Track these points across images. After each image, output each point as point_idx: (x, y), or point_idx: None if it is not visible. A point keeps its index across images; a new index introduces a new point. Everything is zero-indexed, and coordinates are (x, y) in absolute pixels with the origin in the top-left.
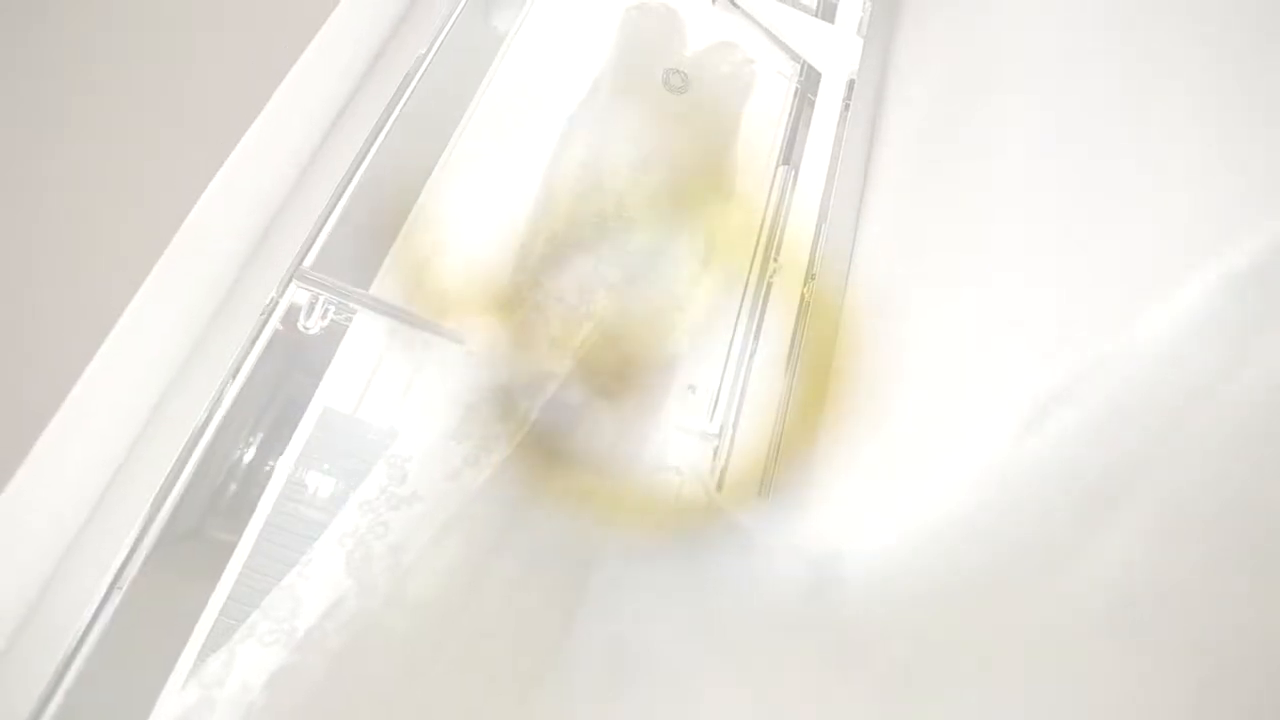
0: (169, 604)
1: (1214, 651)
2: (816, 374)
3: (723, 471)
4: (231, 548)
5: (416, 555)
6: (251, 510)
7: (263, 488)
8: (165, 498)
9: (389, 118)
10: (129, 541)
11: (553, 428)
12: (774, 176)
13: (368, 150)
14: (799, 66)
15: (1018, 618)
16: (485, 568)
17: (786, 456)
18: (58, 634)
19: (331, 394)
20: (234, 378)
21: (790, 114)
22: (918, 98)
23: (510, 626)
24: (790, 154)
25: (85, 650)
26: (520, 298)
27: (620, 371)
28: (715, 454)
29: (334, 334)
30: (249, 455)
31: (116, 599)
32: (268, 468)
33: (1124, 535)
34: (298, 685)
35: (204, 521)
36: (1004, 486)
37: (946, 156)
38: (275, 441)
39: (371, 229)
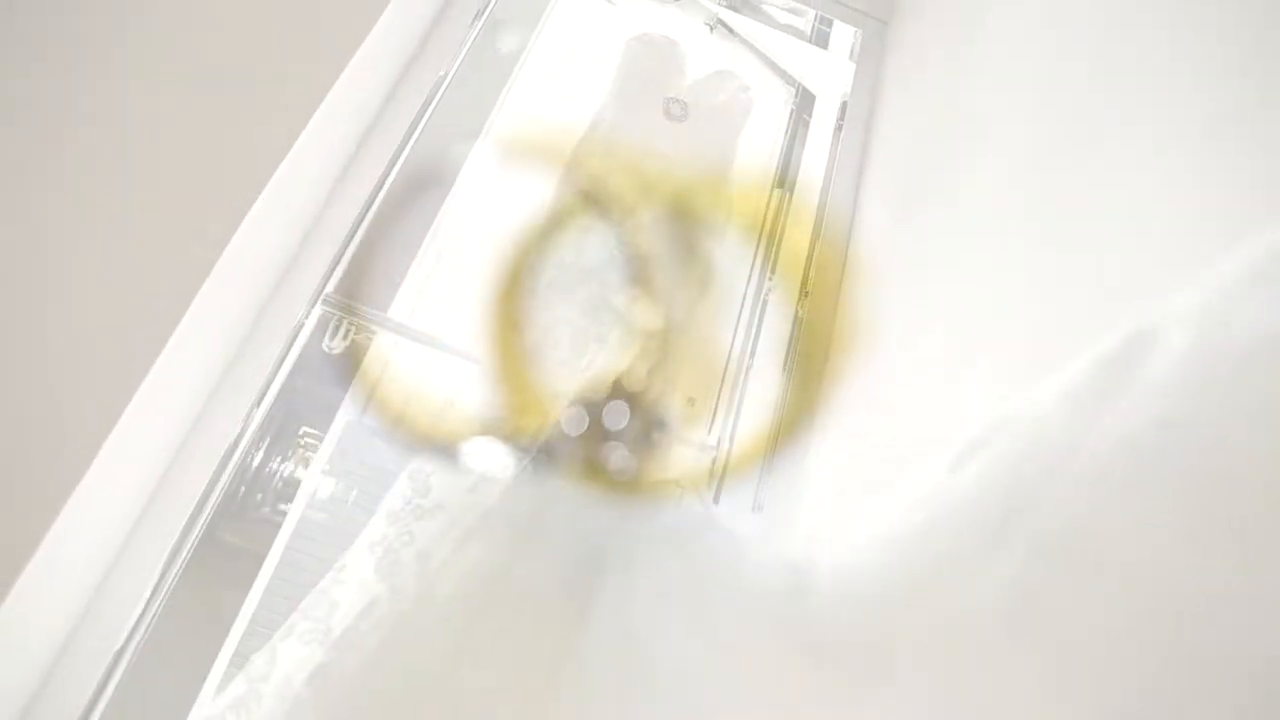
0: (206, 609)
1: (1080, 647)
2: (807, 391)
3: (720, 483)
4: (262, 557)
5: (441, 561)
6: (280, 522)
7: (291, 500)
8: (202, 510)
9: (405, 146)
10: (169, 551)
11: (562, 444)
12: (770, 197)
13: (385, 178)
14: (794, 89)
15: (942, 618)
16: (505, 573)
17: (777, 471)
18: (108, 635)
19: (354, 410)
20: (263, 398)
21: (786, 134)
22: (906, 121)
23: (529, 626)
24: (785, 175)
25: (132, 649)
26: (530, 320)
27: (626, 388)
28: (713, 465)
29: (356, 353)
30: (278, 468)
31: (159, 604)
32: (295, 480)
33: (1015, 558)
34: (336, 680)
35: (237, 532)
36: (935, 512)
37: (929, 185)
38: (302, 456)
39: (389, 254)
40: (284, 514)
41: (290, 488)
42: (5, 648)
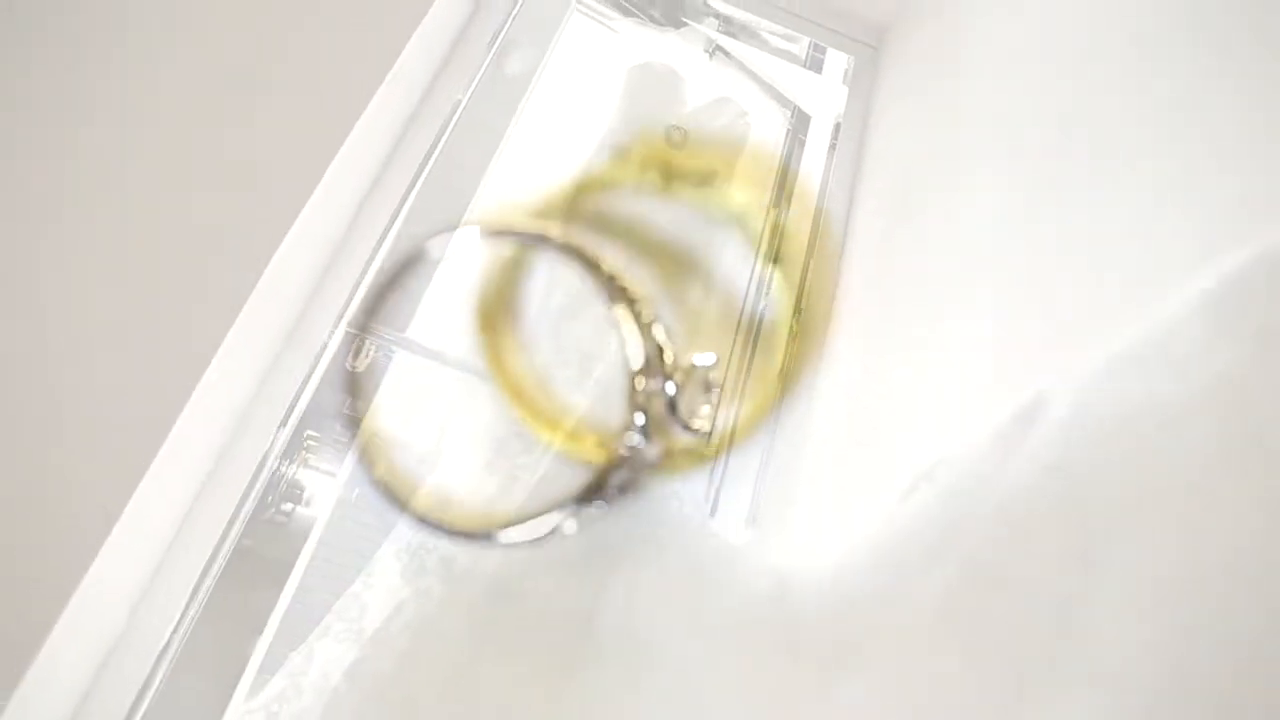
0: (241, 613)
1: (993, 648)
2: (795, 412)
3: (716, 496)
4: (290, 565)
5: (462, 569)
6: (308, 532)
7: (296, 500)
8: (235, 520)
9: (422, 172)
10: (206, 558)
11: (570, 460)
12: (766, 216)
13: (403, 205)
14: (790, 111)
15: (894, 620)
16: (521, 578)
17: (770, 485)
18: (152, 636)
19: (376, 425)
20: (290, 413)
21: (782, 155)
22: (895, 145)
23: (543, 625)
24: (780, 197)
25: (173, 651)
26: (540, 341)
27: (630, 406)
28: (710, 479)
29: (377, 370)
30: (305, 480)
31: (198, 608)
32: (299, 483)
33: (948, 573)
34: (370, 675)
35: (267, 542)
36: (889, 533)
37: (914, 210)
38: (328, 468)
39: (407, 277)
40: (287, 514)
41: (296, 489)
42: (64, 651)
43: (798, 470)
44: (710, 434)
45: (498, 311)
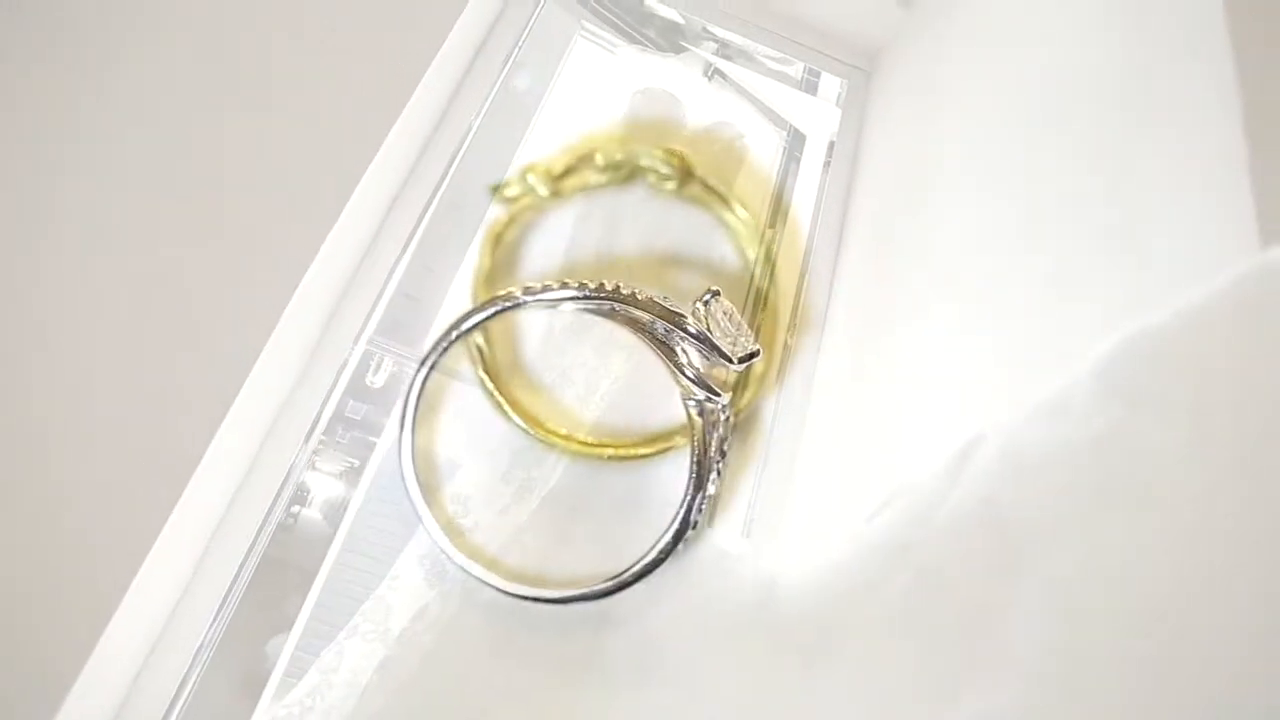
0: (268, 617)
1: (937, 647)
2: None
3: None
4: (314, 573)
5: (481, 573)
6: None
7: (339, 520)
8: (263, 528)
9: (436, 194)
10: (236, 566)
11: (580, 473)
12: (762, 235)
13: (418, 226)
14: (786, 131)
15: (862, 618)
16: (538, 581)
17: (763, 500)
18: (188, 637)
19: (394, 437)
20: (315, 426)
21: (779, 173)
22: (882, 168)
23: (556, 626)
24: (776, 217)
25: (207, 653)
26: (549, 362)
27: (634, 419)
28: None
29: (394, 385)
30: (310, 482)
31: (230, 611)
32: (343, 501)
33: (904, 581)
34: (398, 672)
35: (294, 549)
36: (857, 547)
37: (894, 237)
38: (349, 478)
39: (420, 297)
40: (294, 516)
41: (302, 492)
42: (111, 655)
43: (788, 488)
44: (756, 351)
45: (507, 362)
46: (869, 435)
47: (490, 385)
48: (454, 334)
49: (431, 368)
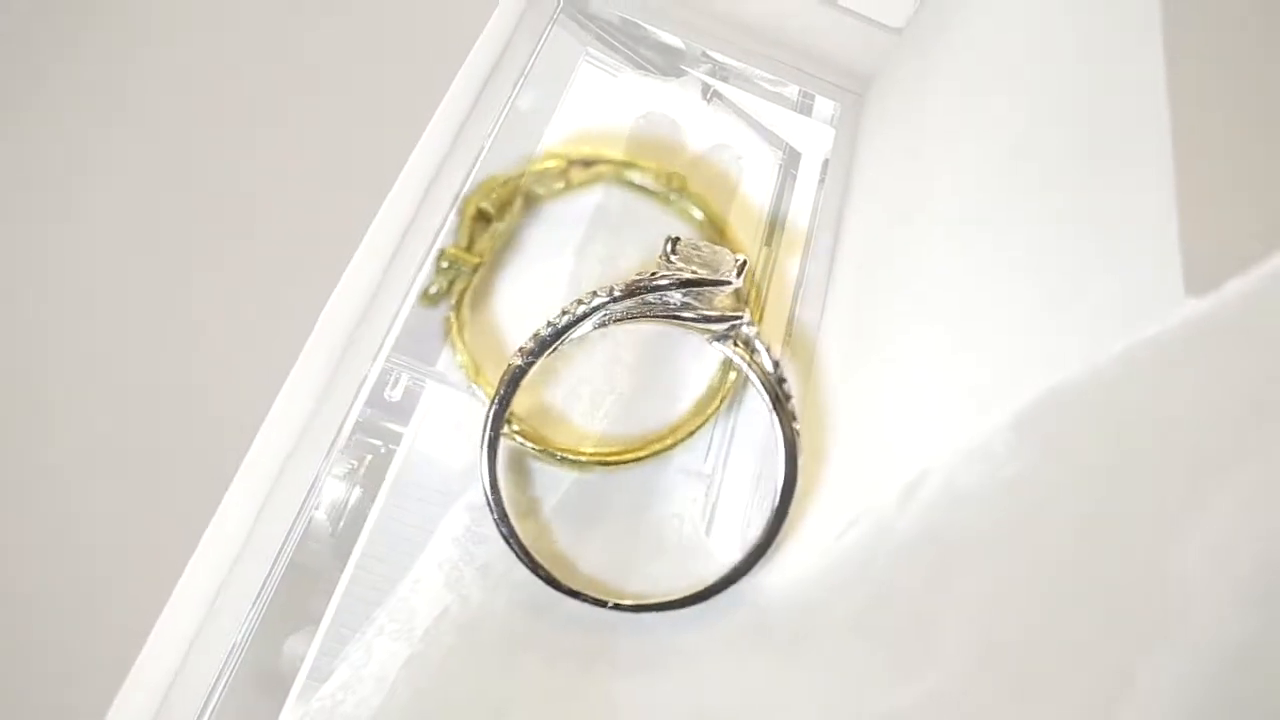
0: (294, 618)
1: (903, 645)
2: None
3: (711, 513)
4: (337, 579)
5: (498, 577)
6: (352, 545)
7: (359, 527)
8: (290, 536)
9: (448, 216)
10: (265, 571)
11: (587, 484)
12: (759, 252)
13: (434, 244)
14: (782, 149)
15: (840, 614)
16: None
17: (758, 512)
18: (223, 636)
19: (411, 448)
20: (337, 438)
21: (775, 192)
22: (873, 189)
23: (572, 624)
24: (772, 236)
25: (239, 653)
26: (556, 377)
27: (638, 432)
28: (706, 494)
29: (411, 399)
30: (349, 498)
31: (260, 612)
32: (363, 510)
33: (869, 586)
34: (423, 669)
35: (319, 556)
36: (831, 558)
37: (883, 256)
38: (368, 487)
39: (433, 315)
40: (318, 523)
41: (325, 500)
42: (155, 655)
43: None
44: (744, 260)
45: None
46: (847, 456)
47: (525, 442)
48: (491, 412)
49: (493, 447)
